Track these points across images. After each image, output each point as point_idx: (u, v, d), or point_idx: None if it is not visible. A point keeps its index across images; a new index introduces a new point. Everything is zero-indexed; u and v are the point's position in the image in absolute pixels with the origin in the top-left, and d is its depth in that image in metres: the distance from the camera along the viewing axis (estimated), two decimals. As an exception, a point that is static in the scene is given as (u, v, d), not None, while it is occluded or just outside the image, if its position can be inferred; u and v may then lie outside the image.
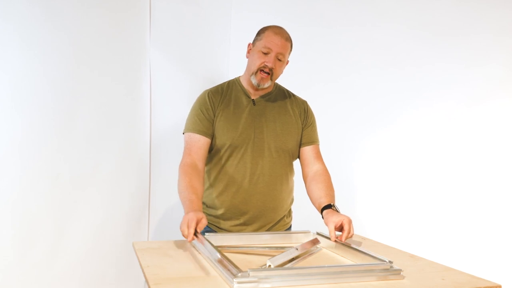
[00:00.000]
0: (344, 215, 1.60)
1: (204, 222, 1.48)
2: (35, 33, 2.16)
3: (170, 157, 2.52)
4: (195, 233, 1.44)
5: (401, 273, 1.29)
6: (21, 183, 2.16)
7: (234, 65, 2.61)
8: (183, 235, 1.45)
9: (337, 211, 1.67)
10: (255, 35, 1.85)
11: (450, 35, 2.75)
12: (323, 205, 1.71)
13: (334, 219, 1.59)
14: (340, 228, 1.58)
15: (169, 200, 2.55)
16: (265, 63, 1.75)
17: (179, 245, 1.57)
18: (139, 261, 1.38)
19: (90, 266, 2.34)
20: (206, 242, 1.42)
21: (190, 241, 1.43)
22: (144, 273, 1.25)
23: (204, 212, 1.84)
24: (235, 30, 2.63)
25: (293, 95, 1.96)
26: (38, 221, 2.20)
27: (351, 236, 1.57)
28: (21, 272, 2.17)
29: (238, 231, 1.80)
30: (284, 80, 1.97)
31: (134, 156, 2.46)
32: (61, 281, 2.27)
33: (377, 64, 2.75)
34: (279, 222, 1.88)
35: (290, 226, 1.96)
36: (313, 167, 1.87)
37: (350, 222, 1.58)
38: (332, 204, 1.70)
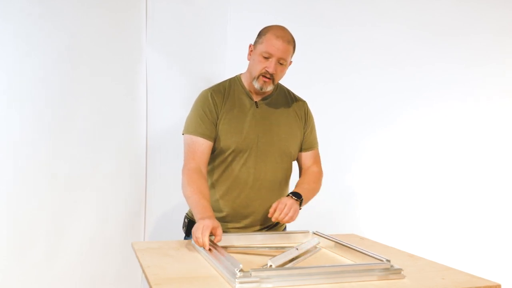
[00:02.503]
0: (289, 199, 1.65)
1: (220, 232, 1.46)
2: (32, 33, 2.16)
3: (167, 158, 2.52)
4: (213, 243, 1.41)
5: (402, 272, 1.29)
6: (19, 184, 2.16)
7: (231, 65, 2.60)
8: (197, 243, 1.43)
9: (293, 198, 1.68)
10: (256, 34, 1.79)
11: (450, 35, 2.75)
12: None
13: (276, 201, 1.64)
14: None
15: (166, 201, 2.55)
16: (266, 69, 1.71)
17: (179, 245, 1.56)
18: (139, 262, 1.38)
19: (88, 266, 2.34)
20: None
21: (207, 250, 1.39)
22: (145, 273, 1.25)
23: None
24: (233, 30, 2.62)
25: (294, 95, 1.94)
26: (36, 222, 2.20)
27: (286, 217, 1.60)
28: (20, 272, 2.17)
29: (237, 232, 1.79)
30: (284, 80, 1.96)
31: (130, 156, 2.46)
32: (60, 281, 2.27)
33: (377, 64, 2.75)
34: (277, 224, 1.89)
35: (285, 227, 1.96)
36: (308, 170, 1.90)
37: (283, 202, 1.62)
38: (291, 192, 1.72)
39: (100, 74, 2.34)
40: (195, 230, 1.46)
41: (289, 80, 2.01)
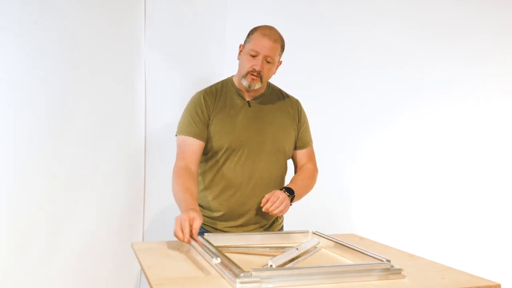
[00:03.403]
0: (282, 193, 1.68)
1: (198, 223, 1.43)
2: (31, 33, 2.16)
3: (165, 158, 2.51)
4: (192, 236, 1.39)
5: (402, 272, 1.29)
6: (19, 184, 2.16)
7: (230, 65, 2.59)
8: (178, 239, 1.41)
9: (285, 193, 1.72)
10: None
11: (450, 35, 2.75)
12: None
13: (268, 193, 1.69)
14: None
15: (164, 201, 2.54)
16: (253, 67, 1.73)
17: (178, 245, 1.56)
18: (139, 262, 1.38)
19: (87, 266, 2.34)
20: (206, 243, 1.42)
21: (187, 242, 1.39)
22: (145, 273, 1.25)
23: None
24: (232, 30, 2.62)
25: (287, 94, 1.95)
26: (35, 221, 2.19)
27: (276, 209, 1.64)
28: (20, 272, 2.17)
29: (234, 232, 1.79)
30: (284, 79, 1.96)
31: (129, 157, 2.45)
32: (60, 281, 2.27)
33: (377, 64, 2.75)
34: (274, 224, 1.90)
35: (282, 227, 1.97)
36: (303, 167, 1.93)
37: (276, 195, 1.66)
38: (285, 187, 1.75)
39: (99, 74, 2.34)
40: (175, 227, 1.42)
41: (289, 80, 2.02)
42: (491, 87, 2.77)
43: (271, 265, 1.28)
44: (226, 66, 2.59)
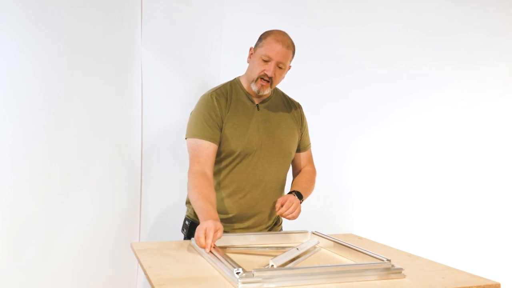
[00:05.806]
0: (295, 198, 1.70)
1: (219, 235, 1.43)
2: (26, 33, 2.14)
3: (161, 158, 2.51)
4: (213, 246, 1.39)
5: (402, 272, 1.30)
6: (12, 184, 2.14)
7: (226, 65, 2.60)
8: (199, 245, 1.41)
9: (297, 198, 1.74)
10: (250, 34, 1.81)
11: (443, 35, 2.77)
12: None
13: (282, 197, 1.71)
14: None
15: (161, 201, 2.54)
16: (265, 72, 1.72)
17: (178, 245, 1.56)
18: (139, 262, 1.37)
19: (81, 267, 2.33)
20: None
21: (208, 252, 1.38)
22: (146, 274, 1.24)
23: None
24: (228, 30, 2.62)
25: (289, 98, 1.96)
26: (29, 222, 2.18)
27: (290, 214, 1.66)
28: (15, 272, 2.15)
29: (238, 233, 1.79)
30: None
31: (125, 157, 2.44)
32: (55, 281, 2.25)
33: (370, 64, 2.76)
34: (275, 224, 1.91)
35: (282, 228, 1.98)
36: (304, 169, 1.96)
37: (291, 200, 1.67)
38: (293, 191, 1.77)
39: (96, 75, 2.32)
40: (197, 230, 1.44)
41: (283, 80, 2.01)
42: (484, 86, 2.79)
43: (272, 265, 1.28)
44: (222, 66, 2.59)
